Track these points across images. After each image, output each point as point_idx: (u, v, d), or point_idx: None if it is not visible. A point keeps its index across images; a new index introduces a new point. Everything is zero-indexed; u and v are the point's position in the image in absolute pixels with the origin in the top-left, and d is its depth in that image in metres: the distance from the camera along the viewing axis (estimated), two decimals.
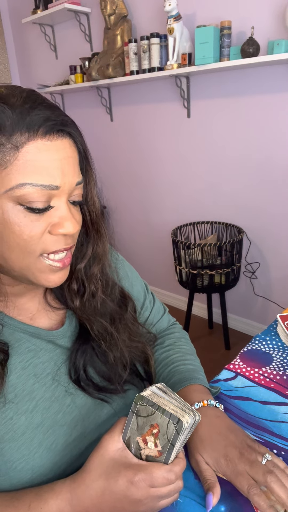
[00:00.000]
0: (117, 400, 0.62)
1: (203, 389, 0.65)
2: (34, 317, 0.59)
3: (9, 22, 3.19)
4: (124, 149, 2.67)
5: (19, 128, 0.43)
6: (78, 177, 0.49)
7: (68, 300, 0.61)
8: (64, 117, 0.48)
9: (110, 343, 0.61)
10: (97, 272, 0.61)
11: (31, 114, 0.44)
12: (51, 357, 0.57)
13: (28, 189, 0.44)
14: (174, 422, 0.45)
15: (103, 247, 0.60)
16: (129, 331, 0.64)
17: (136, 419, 0.47)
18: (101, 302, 0.62)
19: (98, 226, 0.58)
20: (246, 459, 0.53)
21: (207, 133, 2.16)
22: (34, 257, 0.48)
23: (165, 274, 2.73)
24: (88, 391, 0.58)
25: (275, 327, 0.93)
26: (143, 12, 2.23)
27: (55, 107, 0.48)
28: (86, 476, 0.47)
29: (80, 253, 0.59)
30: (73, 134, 0.49)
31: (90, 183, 0.55)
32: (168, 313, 0.83)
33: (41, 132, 0.44)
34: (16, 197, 0.44)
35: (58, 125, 0.46)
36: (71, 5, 2.35)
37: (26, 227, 0.46)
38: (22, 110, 0.44)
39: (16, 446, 0.50)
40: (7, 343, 0.53)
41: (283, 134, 1.86)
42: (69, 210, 0.49)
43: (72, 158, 0.48)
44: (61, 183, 0.46)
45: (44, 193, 0.45)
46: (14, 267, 0.49)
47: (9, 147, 0.43)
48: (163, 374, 0.71)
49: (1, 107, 0.43)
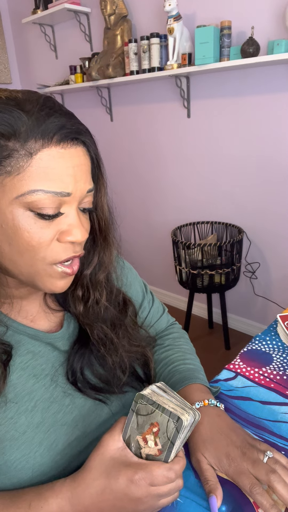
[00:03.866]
0: (115, 401, 0.62)
1: (204, 388, 0.65)
2: (35, 319, 0.59)
3: (9, 22, 3.19)
4: (124, 149, 2.67)
5: (33, 135, 0.43)
6: (89, 184, 0.49)
7: (71, 305, 0.61)
8: (80, 125, 0.48)
9: (109, 348, 0.61)
10: (102, 279, 0.61)
11: (47, 121, 0.44)
12: (49, 359, 0.58)
13: (40, 196, 0.44)
14: (174, 420, 0.45)
15: (109, 256, 0.60)
16: (128, 336, 0.65)
17: (136, 418, 0.47)
18: (104, 309, 0.62)
19: (106, 235, 0.59)
20: (248, 458, 0.53)
21: (207, 133, 2.16)
22: (44, 264, 0.48)
23: (165, 274, 2.73)
24: (85, 392, 0.58)
25: (275, 327, 0.93)
26: (143, 12, 2.23)
27: (71, 114, 0.48)
28: (86, 475, 0.47)
29: (87, 260, 0.59)
30: (87, 143, 0.49)
31: (101, 191, 0.55)
32: (168, 313, 0.83)
33: (55, 139, 0.44)
34: (27, 203, 0.44)
35: (72, 133, 0.46)
36: (71, 5, 2.35)
37: (35, 233, 0.46)
38: (38, 117, 0.44)
39: (17, 445, 0.50)
40: (11, 345, 0.53)
41: (283, 134, 1.86)
42: (79, 217, 0.49)
43: (85, 166, 0.48)
44: (73, 190, 0.46)
45: (55, 199, 0.45)
46: (22, 271, 0.49)
47: (23, 154, 0.43)
48: (163, 373, 0.71)
49: (18, 113, 0.43)
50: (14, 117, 0.43)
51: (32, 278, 0.50)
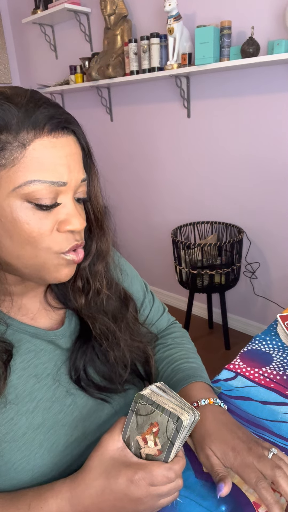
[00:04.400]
0: (118, 399, 0.62)
1: (208, 387, 0.66)
2: (35, 317, 0.59)
3: (9, 22, 3.19)
4: (124, 149, 2.67)
5: (25, 126, 0.44)
6: (83, 174, 0.50)
7: (72, 298, 0.61)
8: (67, 115, 0.48)
9: (112, 342, 0.61)
10: (101, 269, 0.61)
11: (36, 112, 0.44)
12: (51, 358, 0.57)
13: (37, 186, 0.45)
14: (173, 420, 0.45)
15: (107, 244, 0.60)
16: (130, 330, 0.65)
17: (136, 418, 0.47)
18: (106, 298, 0.62)
19: (101, 223, 0.59)
20: (254, 453, 0.53)
21: (207, 133, 2.16)
22: (50, 254, 0.49)
23: (165, 274, 2.73)
24: (88, 391, 0.58)
25: (275, 327, 0.93)
26: (143, 12, 2.23)
27: (57, 105, 0.48)
28: (86, 475, 0.47)
29: (84, 250, 0.59)
30: (77, 132, 0.50)
31: (94, 181, 0.56)
32: (168, 312, 0.83)
33: (46, 129, 0.45)
34: (25, 194, 0.45)
35: (62, 122, 0.46)
36: (71, 5, 2.35)
37: (35, 224, 0.47)
38: (27, 108, 0.44)
39: (17, 447, 0.50)
40: (11, 344, 0.53)
41: (283, 134, 1.86)
42: (75, 206, 0.49)
43: (77, 155, 0.49)
44: (68, 180, 0.47)
45: (52, 189, 0.46)
46: (27, 264, 0.49)
47: (16, 145, 0.44)
48: (166, 371, 0.71)
49: (7, 105, 0.44)
50: (4, 110, 0.43)
51: (38, 269, 0.50)
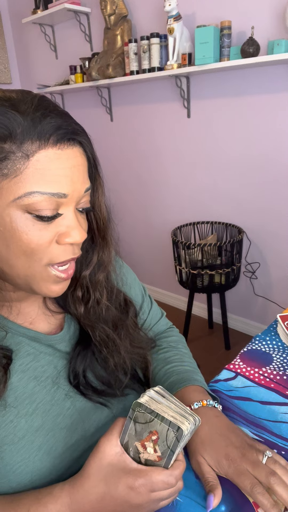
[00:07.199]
0: (117, 404, 0.61)
1: (202, 390, 0.65)
2: (34, 321, 0.58)
3: (9, 22, 3.18)
4: (124, 149, 2.67)
5: (30, 136, 0.42)
6: (86, 184, 0.49)
7: (71, 306, 0.60)
8: (75, 125, 0.47)
9: (112, 349, 0.60)
10: (102, 279, 0.60)
11: (43, 122, 0.43)
12: (50, 361, 0.57)
13: (37, 198, 0.44)
14: (174, 430, 0.44)
15: (108, 255, 0.60)
16: (130, 337, 0.64)
17: (134, 425, 0.46)
18: (106, 309, 0.61)
19: (104, 234, 0.58)
20: (248, 459, 0.52)
21: (207, 133, 2.16)
22: (40, 266, 0.48)
23: (165, 274, 2.73)
24: (87, 395, 0.58)
25: (275, 327, 0.93)
26: (143, 12, 2.23)
27: (66, 114, 0.47)
28: (84, 482, 0.46)
29: (86, 260, 0.59)
30: (84, 143, 0.48)
31: (98, 191, 0.55)
32: (165, 317, 0.83)
33: (52, 140, 0.43)
34: (25, 205, 0.44)
35: (69, 133, 0.45)
36: (71, 5, 2.35)
37: (34, 236, 0.46)
38: (33, 117, 0.43)
39: (16, 449, 0.50)
40: (11, 349, 0.53)
41: (283, 134, 1.86)
42: (76, 218, 0.48)
43: (82, 166, 0.47)
44: (69, 191, 0.46)
45: (52, 201, 0.45)
46: (19, 274, 0.49)
47: (20, 156, 0.42)
48: (159, 372, 0.71)
49: (12, 114, 0.42)
50: (9, 119, 0.42)
51: (28, 282, 0.49)
